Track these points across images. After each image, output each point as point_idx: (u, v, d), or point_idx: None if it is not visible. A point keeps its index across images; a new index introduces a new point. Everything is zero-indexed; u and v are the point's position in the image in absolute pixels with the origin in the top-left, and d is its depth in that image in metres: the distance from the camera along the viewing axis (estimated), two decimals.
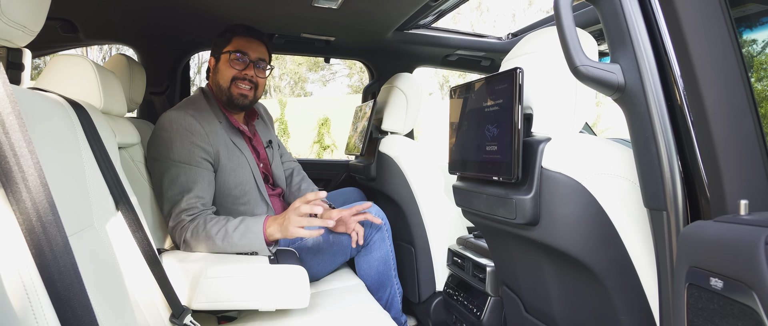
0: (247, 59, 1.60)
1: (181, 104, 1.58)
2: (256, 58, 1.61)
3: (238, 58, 1.59)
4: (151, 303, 1.06)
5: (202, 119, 1.51)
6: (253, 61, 1.60)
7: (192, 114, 1.49)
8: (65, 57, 1.25)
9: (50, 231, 0.64)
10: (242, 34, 1.61)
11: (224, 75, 1.59)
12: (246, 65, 1.60)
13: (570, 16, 0.81)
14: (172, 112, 1.50)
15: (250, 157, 1.60)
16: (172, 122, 1.47)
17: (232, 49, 1.59)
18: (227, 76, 1.59)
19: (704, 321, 0.61)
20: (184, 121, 1.47)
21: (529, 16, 15.19)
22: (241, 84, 1.59)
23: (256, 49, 1.62)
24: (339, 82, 17.81)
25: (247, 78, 1.59)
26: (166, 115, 1.50)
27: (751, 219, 0.59)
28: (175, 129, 1.46)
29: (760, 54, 0.79)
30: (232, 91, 1.59)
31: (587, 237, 0.93)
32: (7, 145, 0.62)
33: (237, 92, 1.59)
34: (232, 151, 1.55)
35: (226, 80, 1.59)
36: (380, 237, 1.69)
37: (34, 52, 2.09)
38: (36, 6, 0.76)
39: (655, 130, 0.76)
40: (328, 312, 1.37)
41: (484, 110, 1.12)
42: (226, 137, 1.56)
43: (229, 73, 1.59)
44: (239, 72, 1.59)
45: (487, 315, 1.48)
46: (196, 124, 1.48)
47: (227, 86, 1.59)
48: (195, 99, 1.61)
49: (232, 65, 1.59)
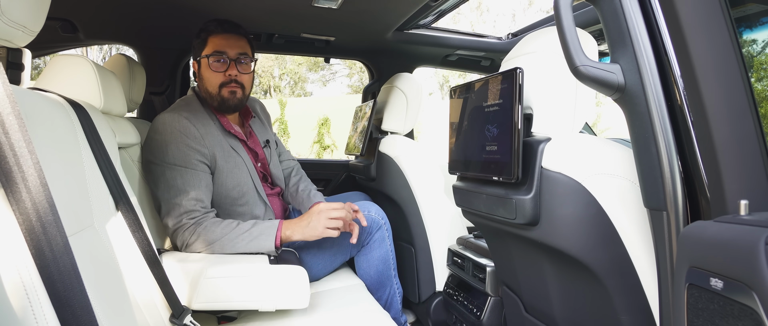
0: (227, 58, 1.53)
1: (175, 106, 1.55)
2: (236, 55, 1.54)
3: (217, 60, 1.53)
4: (151, 303, 1.06)
5: (197, 121, 1.48)
6: (233, 59, 1.54)
7: (186, 116, 1.46)
8: (65, 57, 1.25)
9: (50, 231, 0.64)
10: (217, 32, 1.54)
11: (210, 81, 1.54)
12: (227, 65, 1.54)
13: (570, 16, 0.81)
14: (165, 114, 1.47)
15: (247, 158, 1.58)
16: (166, 125, 1.44)
17: (210, 52, 1.53)
18: (214, 82, 1.53)
19: (704, 321, 0.61)
20: (179, 123, 1.44)
21: (529, 16, 15.20)
22: (228, 86, 1.54)
23: (234, 44, 1.55)
24: (339, 82, 17.82)
25: (231, 79, 1.53)
26: (159, 117, 1.47)
27: (751, 220, 0.59)
28: (169, 132, 1.43)
29: (760, 54, 0.79)
30: (223, 94, 1.54)
31: (587, 237, 0.93)
32: (7, 145, 0.62)
33: (227, 94, 1.54)
34: (228, 152, 1.53)
35: (214, 86, 1.53)
36: (380, 237, 1.69)
37: (34, 52, 2.09)
38: (36, 6, 0.76)
39: (655, 130, 0.76)
40: (328, 312, 1.37)
41: (484, 110, 1.12)
42: (222, 139, 1.53)
43: (215, 79, 1.53)
44: (223, 75, 1.53)
45: (487, 315, 1.48)
46: (191, 127, 1.45)
47: (216, 92, 1.54)
48: (189, 100, 1.58)
49: (213, 69, 1.53)
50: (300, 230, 1.41)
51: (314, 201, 1.70)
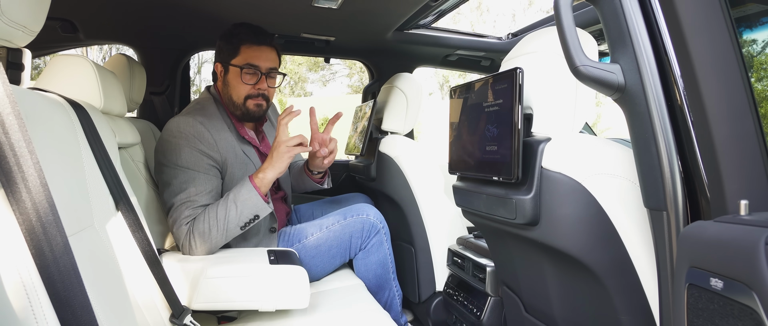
0: (259, 72, 1.52)
1: (190, 109, 1.53)
2: (268, 69, 1.53)
3: (249, 73, 1.51)
4: (151, 303, 1.06)
5: (211, 126, 1.47)
6: (264, 74, 1.53)
7: (201, 121, 1.45)
8: (65, 57, 1.25)
9: (50, 231, 0.64)
10: (251, 42, 1.51)
11: (237, 91, 1.52)
12: (258, 79, 1.52)
13: (570, 16, 0.81)
14: (180, 117, 1.46)
15: (259, 165, 1.57)
16: (181, 128, 1.43)
17: (242, 63, 1.51)
18: (241, 93, 1.52)
19: (704, 321, 0.61)
20: (193, 128, 1.43)
21: (529, 16, 15.19)
22: (255, 99, 1.53)
23: (267, 57, 1.53)
24: (339, 82, 17.81)
25: (260, 93, 1.52)
26: (174, 120, 1.46)
27: (751, 220, 0.59)
28: (183, 136, 1.42)
29: (760, 54, 0.79)
30: (248, 105, 1.53)
31: (587, 237, 0.93)
32: (7, 145, 0.62)
33: (253, 106, 1.53)
34: (240, 159, 1.52)
35: (240, 97, 1.52)
36: (378, 241, 1.68)
37: (34, 52, 2.09)
38: (36, 6, 0.76)
39: (655, 130, 0.76)
40: (328, 312, 1.37)
41: (484, 110, 1.12)
42: (236, 145, 1.52)
43: (243, 90, 1.51)
44: (253, 88, 1.51)
45: (487, 315, 1.48)
46: (205, 132, 1.44)
47: (241, 103, 1.53)
48: (204, 103, 1.56)
49: (244, 81, 1.51)
50: (270, 168, 1.41)
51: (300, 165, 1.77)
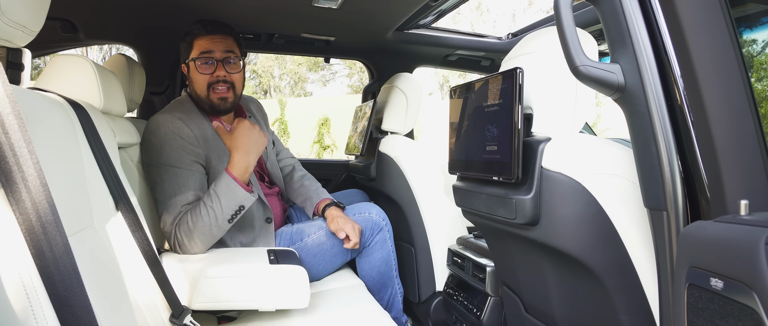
0: (214, 59, 1.52)
1: (169, 107, 1.55)
2: (223, 55, 1.53)
3: (204, 62, 1.52)
4: (151, 303, 1.06)
5: (191, 122, 1.48)
6: (220, 60, 1.53)
7: (180, 117, 1.46)
8: (65, 57, 1.25)
9: (50, 231, 0.64)
10: (201, 34, 1.53)
11: (198, 83, 1.54)
12: (214, 67, 1.53)
13: (570, 16, 0.81)
14: (159, 115, 1.47)
15: None
16: (160, 126, 1.44)
17: (196, 55, 1.53)
18: (202, 84, 1.53)
19: (704, 321, 0.61)
20: (172, 124, 1.44)
21: (529, 16, 15.19)
22: (217, 87, 1.53)
23: (221, 43, 1.53)
24: (339, 82, 17.82)
25: (219, 80, 1.52)
26: (154, 118, 1.47)
27: (751, 220, 0.59)
28: (163, 133, 1.43)
29: (760, 54, 0.79)
30: (212, 98, 1.53)
31: (587, 237, 0.93)
32: (6, 145, 0.62)
33: (216, 97, 1.53)
34: (223, 152, 1.52)
35: (203, 88, 1.53)
36: (381, 238, 1.69)
37: (34, 52, 2.09)
38: (36, 6, 0.76)
39: (655, 130, 0.76)
40: (328, 312, 1.37)
41: (484, 110, 1.12)
42: (217, 139, 1.53)
43: (203, 80, 1.52)
44: (211, 76, 1.52)
45: (487, 315, 1.48)
46: (184, 127, 1.45)
47: (205, 94, 1.53)
48: (182, 100, 1.58)
49: (200, 71, 1.52)
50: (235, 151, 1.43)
51: (322, 197, 1.71)
